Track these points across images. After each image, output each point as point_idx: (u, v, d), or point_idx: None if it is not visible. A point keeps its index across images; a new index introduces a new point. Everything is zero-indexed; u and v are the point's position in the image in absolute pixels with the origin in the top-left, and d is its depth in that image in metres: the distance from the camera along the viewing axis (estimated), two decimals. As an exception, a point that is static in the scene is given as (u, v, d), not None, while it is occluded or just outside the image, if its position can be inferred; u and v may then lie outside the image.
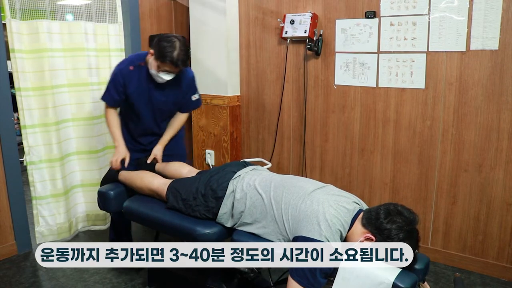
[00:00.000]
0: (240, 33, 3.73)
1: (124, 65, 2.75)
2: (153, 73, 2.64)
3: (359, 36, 3.13)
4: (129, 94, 2.75)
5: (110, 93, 2.76)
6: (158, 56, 2.55)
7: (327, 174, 3.45)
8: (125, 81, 2.71)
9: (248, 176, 2.23)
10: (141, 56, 2.77)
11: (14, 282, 2.82)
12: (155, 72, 2.61)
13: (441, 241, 3.03)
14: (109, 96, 2.77)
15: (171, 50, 2.51)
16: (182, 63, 2.58)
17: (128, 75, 2.71)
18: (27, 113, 3.10)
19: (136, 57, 2.79)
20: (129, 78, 2.71)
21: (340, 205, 1.91)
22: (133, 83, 2.73)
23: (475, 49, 2.73)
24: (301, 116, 3.50)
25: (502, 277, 2.84)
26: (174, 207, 2.34)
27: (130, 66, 2.72)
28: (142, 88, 2.75)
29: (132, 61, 2.76)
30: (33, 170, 3.20)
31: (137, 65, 2.72)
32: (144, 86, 2.74)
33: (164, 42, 2.53)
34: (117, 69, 2.76)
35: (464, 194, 2.90)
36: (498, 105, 2.71)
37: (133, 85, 2.73)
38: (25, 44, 3.03)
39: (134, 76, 2.72)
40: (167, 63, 2.55)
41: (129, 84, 2.72)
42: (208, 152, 3.92)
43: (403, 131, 3.06)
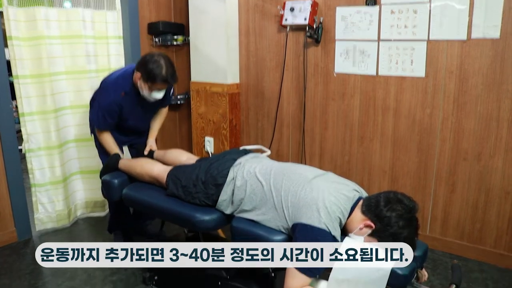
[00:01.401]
0: (240, 20, 3.71)
1: (116, 93, 2.70)
2: (145, 95, 2.67)
3: (360, 24, 3.11)
4: (122, 116, 2.78)
5: (106, 121, 2.76)
6: (147, 78, 2.57)
7: (326, 162, 3.45)
8: (120, 108, 2.73)
9: (248, 164, 2.23)
10: (127, 79, 2.74)
11: (15, 268, 2.84)
12: (148, 93, 2.64)
13: (440, 229, 3.05)
14: (105, 123, 2.77)
15: (159, 69, 2.54)
16: (172, 78, 2.62)
17: (121, 102, 2.71)
18: (25, 100, 3.09)
19: (123, 81, 2.75)
20: (123, 104, 2.72)
21: (340, 193, 1.91)
22: (127, 106, 2.75)
23: (476, 37, 2.71)
24: (300, 104, 3.49)
25: (499, 264, 2.87)
26: (173, 193, 2.34)
27: (122, 92, 2.71)
28: (135, 107, 2.79)
29: (121, 86, 2.72)
30: (32, 158, 3.21)
31: (128, 90, 2.71)
32: (137, 105, 2.78)
33: (150, 63, 2.55)
34: (109, 100, 2.71)
35: (463, 182, 2.91)
36: (498, 94, 2.70)
37: (127, 108, 2.75)
38: (23, 31, 3.01)
39: (126, 100, 2.73)
40: (159, 83, 2.59)
41: (123, 109, 2.74)
42: (208, 140, 3.91)
43: (402, 119, 3.06)
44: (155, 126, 3.07)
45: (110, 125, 2.81)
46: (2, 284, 2.66)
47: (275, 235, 2.02)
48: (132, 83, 2.72)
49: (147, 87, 2.61)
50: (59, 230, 3.37)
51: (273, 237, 2.01)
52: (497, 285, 2.66)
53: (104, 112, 2.73)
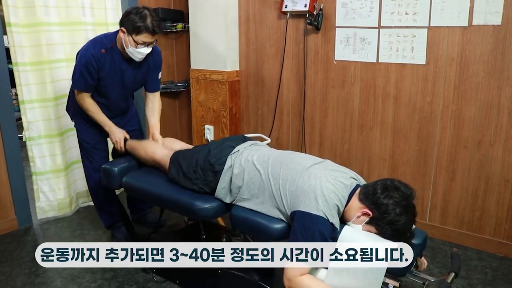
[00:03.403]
0: (240, 7, 3.68)
1: (95, 49, 2.59)
2: (130, 52, 2.55)
3: (360, 11, 3.09)
4: (101, 78, 2.65)
5: (84, 79, 2.61)
6: (132, 30, 2.47)
7: (326, 150, 3.45)
8: (99, 65, 2.60)
9: (246, 151, 2.23)
10: (109, 37, 2.65)
11: (16, 256, 2.86)
12: (133, 49, 2.52)
13: (439, 217, 3.05)
14: (84, 82, 2.63)
15: (143, 20, 2.45)
16: (158, 28, 2.51)
17: (101, 59, 2.59)
18: (25, 88, 3.09)
19: (105, 39, 2.66)
20: (103, 62, 2.60)
21: (338, 180, 1.91)
22: (106, 66, 2.62)
23: (477, 24, 2.69)
24: (300, 92, 3.48)
25: (498, 253, 2.87)
26: (174, 178, 2.35)
27: (102, 49, 2.59)
28: (115, 70, 2.66)
29: (102, 43, 2.62)
30: (33, 146, 3.21)
31: (109, 47, 2.61)
32: (116, 67, 2.66)
33: (133, 15, 2.46)
34: (88, 54, 2.59)
35: (463, 170, 2.90)
36: (499, 81, 2.69)
37: (105, 68, 2.63)
38: (21, 18, 2.99)
39: (106, 59, 2.61)
40: (144, 33, 2.47)
41: (102, 67, 2.61)
42: (207, 128, 3.91)
43: (402, 107, 3.05)
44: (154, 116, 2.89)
45: (88, 87, 2.66)
46: (3, 272, 2.68)
47: (274, 223, 2.03)
48: (113, 43, 2.62)
49: (132, 40, 2.49)
50: (60, 219, 3.38)
51: (272, 225, 2.02)
52: (496, 273, 2.67)
53: (82, 68, 2.59)
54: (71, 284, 2.55)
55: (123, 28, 2.51)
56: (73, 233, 3.17)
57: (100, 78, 2.65)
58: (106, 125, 2.77)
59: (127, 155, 2.76)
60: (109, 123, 2.77)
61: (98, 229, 3.21)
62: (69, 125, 3.37)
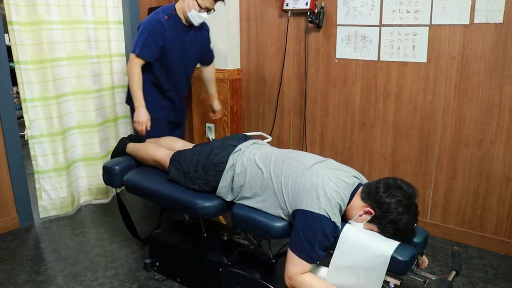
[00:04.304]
0: (240, 5, 3.68)
1: (159, 15, 2.68)
2: (192, 15, 2.66)
3: (361, 9, 3.08)
4: (164, 46, 2.71)
5: (149, 46, 2.66)
6: None
7: (327, 148, 3.45)
8: (163, 30, 2.66)
9: (248, 150, 2.23)
10: (169, 7, 2.75)
11: (17, 254, 2.86)
12: (195, 12, 2.65)
13: (440, 215, 3.05)
14: (148, 49, 2.67)
15: None
16: None
17: (165, 24, 2.66)
18: (26, 86, 3.09)
19: (165, 8, 2.75)
20: (167, 27, 2.67)
21: (340, 179, 1.91)
22: (170, 33, 2.69)
23: (479, 22, 2.68)
24: (301, 90, 3.48)
25: (499, 251, 2.87)
26: (174, 179, 2.35)
27: (165, 15, 2.68)
28: (178, 38, 2.74)
29: (164, 11, 2.72)
30: (35, 144, 3.21)
31: (170, 14, 2.70)
32: (179, 36, 2.74)
33: None
34: (153, 20, 2.67)
35: (464, 168, 2.90)
36: (500, 80, 2.68)
37: (169, 35, 2.69)
38: (23, 16, 2.99)
39: (169, 26, 2.68)
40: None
41: (166, 33, 2.67)
42: (208, 126, 3.91)
43: (404, 105, 3.05)
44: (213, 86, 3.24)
45: (153, 54, 2.70)
46: (5, 270, 2.68)
47: (275, 221, 2.03)
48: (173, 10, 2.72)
49: (196, 4, 2.62)
50: (62, 217, 3.38)
51: (274, 223, 2.02)
52: (497, 272, 2.67)
53: (146, 36, 2.65)
54: (72, 282, 2.55)
55: None
56: (74, 231, 3.17)
57: (164, 45, 2.70)
58: (138, 101, 2.73)
59: (127, 154, 2.75)
60: (142, 101, 2.74)
61: (99, 227, 3.22)
62: (70, 123, 3.39)
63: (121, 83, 3.67)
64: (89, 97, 3.42)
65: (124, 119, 3.78)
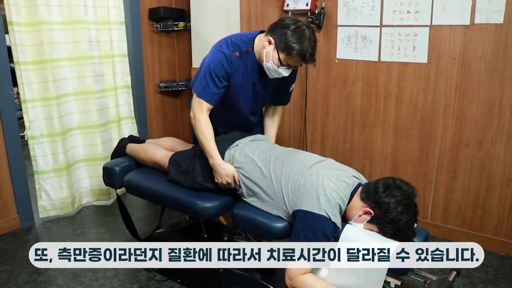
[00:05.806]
0: (241, 6, 3.67)
1: (229, 50, 2.18)
2: (269, 67, 2.14)
3: (362, 9, 3.08)
4: (230, 86, 2.23)
5: (209, 88, 2.16)
6: (284, 48, 2.05)
7: (328, 149, 3.45)
8: (230, 69, 2.17)
9: (247, 147, 2.23)
10: (245, 40, 2.23)
11: (18, 255, 2.86)
12: (273, 66, 2.12)
13: (441, 216, 3.05)
14: (209, 92, 2.16)
15: (300, 42, 2.03)
16: (312, 57, 2.08)
17: (234, 62, 2.17)
18: (27, 87, 3.09)
19: (240, 41, 2.23)
20: (236, 66, 2.19)
21: (340, 179, 1.91)
22: (239, 73, 2.21)
23: (479, 22, 2.68)
24: (302, 90, 3.48)
25: (499, 252, 2.87)
26: (174, 179, 2.35)
27: (236, 51, 2.18)
28: (247, 79, 2.25)
29: (237, 45, 2.21)
30: (35, 145, 3.21)
31: (245, 51, 2.20)
32: (249, 77, 2.25)
33: (290, 31, 2.04)
34: (220, 54, 2.16)
35: (465, 169, 2.90)
36: (501, 80, 2.68)
37: (238, 75, 2.22)
38: (23, 16, 2.99)
39: (240, 64, 2.20)
40: (294, 56, 2.07)
41: (234, 74, 2.20)
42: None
43: (404, 105, 3.05)
44: (273, 129, 2.57)
45: (215, 96, 2.19)
46: (5, 270, 2.68)
47: (276, 222, 2.03)
48: (250, 46, 2.20)
49: (276, 58, 2.09)
50: (62, 217, 3.38)
51: (274, 224, 2.02)
52: (497, 272, 2.67)
53: (211, 72, 2.15)
54: (73, 283, 2.55)
55: (271, 38, 2.10)
56: (74, 231, 3.17)
57: (229, 87, 2.23)
58: (213, 157, 2.19)
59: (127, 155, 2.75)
60: (218, 157, 2.20)
61: (100, 227, 3.22)
62: (71, 124, 3.38)
63: (124, 84, 3.67)
64: (91, 97, 3.41)
65: (127, 120, 3.77)
